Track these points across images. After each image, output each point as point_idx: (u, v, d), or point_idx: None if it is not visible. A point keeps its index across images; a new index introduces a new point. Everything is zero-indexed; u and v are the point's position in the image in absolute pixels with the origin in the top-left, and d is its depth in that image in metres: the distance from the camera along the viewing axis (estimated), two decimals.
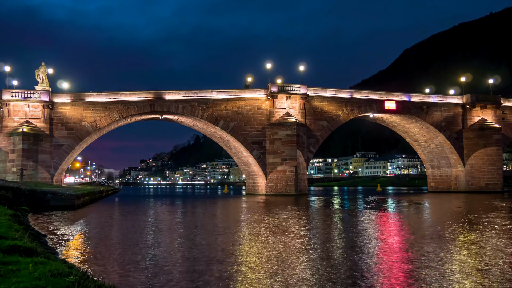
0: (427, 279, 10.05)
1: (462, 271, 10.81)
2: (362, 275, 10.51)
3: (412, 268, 11.33)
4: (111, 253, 14.15)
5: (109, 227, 23.00)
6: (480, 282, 9.71)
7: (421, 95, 73.72)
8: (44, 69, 56.93)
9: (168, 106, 60.13)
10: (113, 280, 9.70)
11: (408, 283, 9.82)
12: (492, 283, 9.66)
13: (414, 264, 11.81)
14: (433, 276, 10.32)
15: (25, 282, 6.52)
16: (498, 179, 70.25)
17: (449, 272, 10.69)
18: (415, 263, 11.92)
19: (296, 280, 10.05)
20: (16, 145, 52.60)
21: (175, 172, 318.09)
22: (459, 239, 16.52)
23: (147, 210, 36.14)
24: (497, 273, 10.62)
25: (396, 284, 9.68)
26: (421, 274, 10.54)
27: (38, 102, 55.06)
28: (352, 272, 10.90)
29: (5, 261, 8.01)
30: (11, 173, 51.78)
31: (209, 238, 17.76)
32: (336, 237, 17.78)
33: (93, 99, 57.78)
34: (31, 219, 24.32)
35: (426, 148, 77.99)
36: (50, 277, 6.94)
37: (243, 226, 22.17)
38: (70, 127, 56.60)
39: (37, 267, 7.53)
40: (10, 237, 11.16)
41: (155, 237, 18.19)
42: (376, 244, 15.36)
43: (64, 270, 7.48)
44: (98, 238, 18.18)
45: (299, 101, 64.08)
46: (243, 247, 15.23)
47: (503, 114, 74.53)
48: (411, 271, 10.94)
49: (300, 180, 61.45)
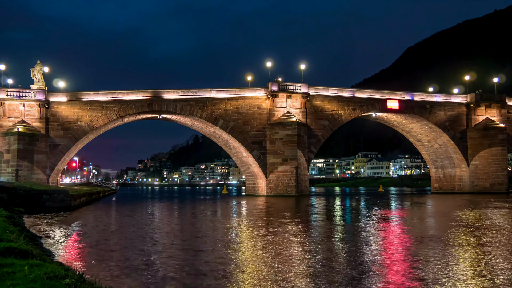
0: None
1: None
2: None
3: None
4: (107, 255, 14.12)
5: (106, 228, 22.77)
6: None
7: (425, 94, 72.51)
8: (39, 68, 56.03)
9: (166, 105, 59.15)
10: (109, 282, 9.60)
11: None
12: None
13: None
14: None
15: (20, 285, 6.50)
16: (503, 179, 68.94)
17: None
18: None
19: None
20: (11, 145, 51.73)
21: (174, 172, 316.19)
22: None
23: (143, 212, 35.62)
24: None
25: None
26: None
27: (33, 101, 54.16)
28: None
29: (0, 264, 7.94)
30: (6, 174, 51.02)
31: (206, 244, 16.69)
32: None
33: (90, 98, 56.84)
34: (27, 220, 24.13)
35: (430, 148, 76.71)
36: (46, 279, 6.93)
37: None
38: (66, 127, 55.69)
39: (33, 269, 7.50)
40: (5, 239, 11.05)
41: (152, 239, 18.01)
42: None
43: (60, 273, 7.48)
44: (95, 240, 18.03)
45: (300, 100, 62.94)
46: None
47: (508, 114, 73.15)
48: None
49: (301, 181, 60.35)
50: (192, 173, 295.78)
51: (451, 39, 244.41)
